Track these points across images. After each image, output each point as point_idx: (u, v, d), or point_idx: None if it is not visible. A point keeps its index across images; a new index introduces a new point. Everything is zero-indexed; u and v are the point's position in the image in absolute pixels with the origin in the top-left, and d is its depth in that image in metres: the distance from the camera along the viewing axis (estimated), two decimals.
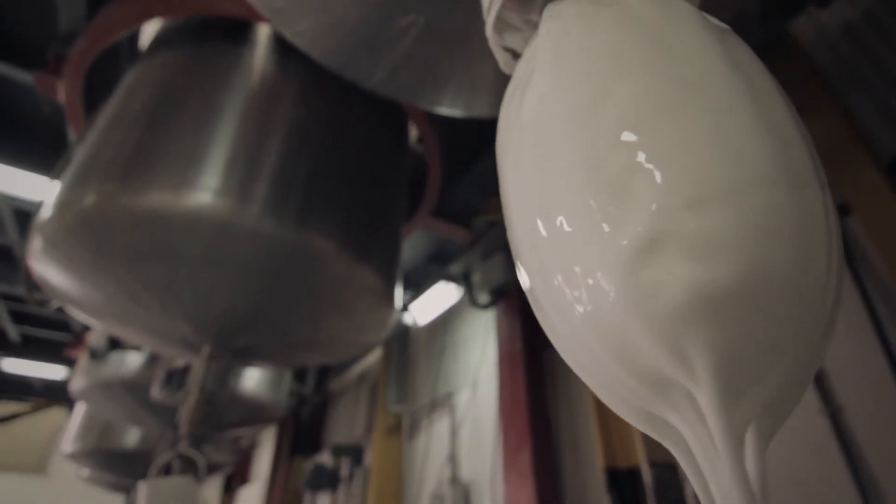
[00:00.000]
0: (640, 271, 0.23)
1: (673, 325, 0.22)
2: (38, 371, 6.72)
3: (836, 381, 2.26)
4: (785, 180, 0.22)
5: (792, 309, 0.22)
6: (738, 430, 0.21)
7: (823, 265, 0.22)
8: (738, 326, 0.22)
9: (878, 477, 2.02)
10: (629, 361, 0.26)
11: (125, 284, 1.91)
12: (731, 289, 0.21)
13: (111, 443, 4.95)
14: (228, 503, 9.52)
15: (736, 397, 0.21)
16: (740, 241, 0.22)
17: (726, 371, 0.21)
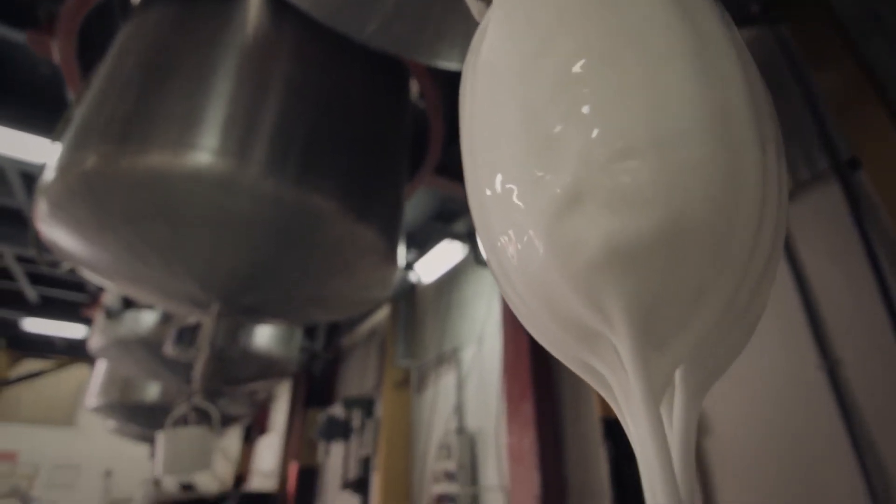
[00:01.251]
0: (562, 225, 0.24)
1: (590, 277, 0.23)
2: (58, 330, 6.95)
3: (836, 335, 2.27)
4: (715, 136, 0.22)
5: (709, 264, 0.22)
6: (657, 379, 0.22)
7: (750, 223, 0.22)
8: (653, 278, 0.22)
9: (871, 430, 2.07)
10: (559, 314, 0.27)
11: (131, 245, 1.94)
12: (645, 242, 0.22)
13: (132, 397, 5.17)
14: (248, 452, 10.00)
15: (654, 347, 0.22)
16: (659, 194, 0.22)
17: (642, 321, 0.22)
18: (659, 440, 0.21)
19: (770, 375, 2.44)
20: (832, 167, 2.44)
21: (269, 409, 9.68)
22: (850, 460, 2.06)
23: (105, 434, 8.26)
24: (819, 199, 2.49)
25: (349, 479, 5.15)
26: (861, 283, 2.22)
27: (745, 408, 2.49)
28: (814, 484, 2.17)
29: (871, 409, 2.09)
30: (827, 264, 2.39)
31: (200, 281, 2.17)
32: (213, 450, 2.06)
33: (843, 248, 2.34)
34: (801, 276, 2.44)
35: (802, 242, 2.49)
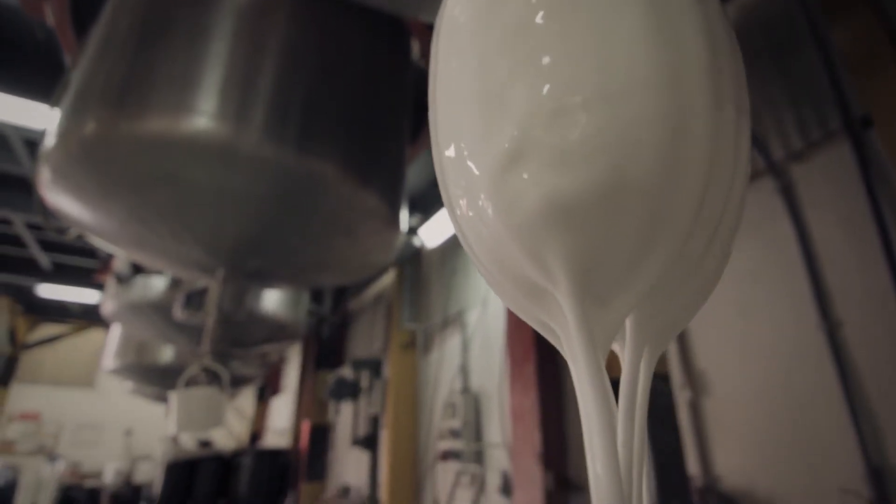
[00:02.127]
0: (506, 183, 0.24)
1: (532, 234, 0.23)
2: (72, 296, 7.10)
3: (838, 298, 2.27)
4: (662, 93, 0.22)
5: (650, 221, 0.22)
6: (599, 334, 0.23)
7: (696, 183, 0.22)
8: (592, 234, 0.23)
9: (868, 391, 2.09)
10: (510, 273, 0.27)
11: (134, 211, 1.96)
12: (583, 198, 0.22)
13: (147, 359, 5.32)
14: (262, 411, 10.35)
15: (596, 302, 0.23)
16: (598, 151, 0.22)
17: (582, 277, 0.22)
18: (599, 395, 0.22)
19: (770, 336, 2.46)
20: (844, 126, 2.37)
21: (281, 370, 9.95)
22: (846, 421, 2.09)
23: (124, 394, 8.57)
24: (829, 160, 2.44)
25: (359, 436, 5.33)
26: (867, 245, 2.20)
27: (744, 368, 2.52)
28: (809, 443, 2.22)
29: (869, 372, 2.11)
30: (833, 226, 2.36)
31: (205, 246, 2.20)
32: (223, 408, 2.13)
33: (850, 209, 2.31)
34: (805, 237, 2.42)
35: (809, 204, 2.46)
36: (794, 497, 2.21)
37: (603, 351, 0.23)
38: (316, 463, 6.73)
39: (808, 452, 2.22)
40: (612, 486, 0.21)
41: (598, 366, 0.23)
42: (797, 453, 2.24)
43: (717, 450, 2.52)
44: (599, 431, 0.22)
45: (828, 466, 2.14)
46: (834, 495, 2.08)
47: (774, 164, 2.60)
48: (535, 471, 2.80)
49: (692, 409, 2.63)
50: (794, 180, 2.53)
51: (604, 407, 0.22)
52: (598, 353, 0.23)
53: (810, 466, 2.19)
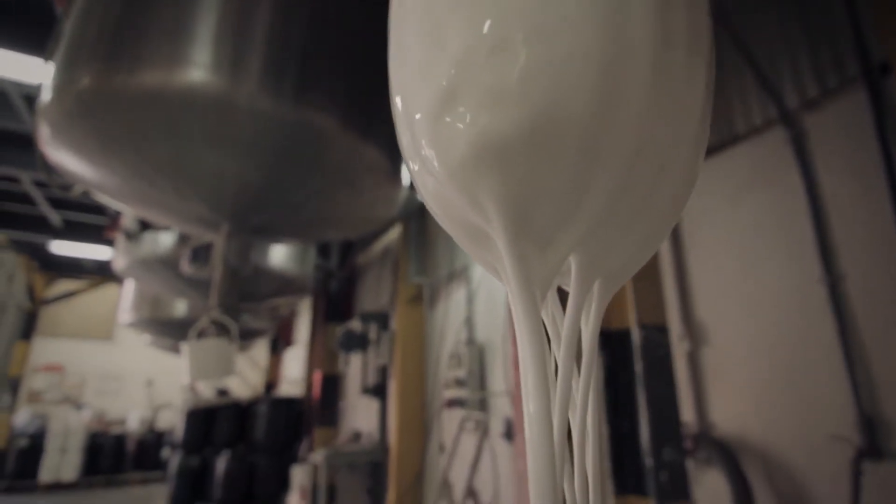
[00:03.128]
0: (440, 126, 0.24)
1: (466, 176, 0.23)
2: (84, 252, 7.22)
3: (842, 250, 2.25)
4: (598, 28, 0.21)
5: (584, 161, 0.22)
6: (536, 276, 0.23)
7: (635, 122, 0.21)
8: (523, 175, 0.22)
9: (865, 344, 2.11)
10: (455, 218, 0.28)
11: (136, 167, 1.97)
12: (512, 139, 0.22)
13: (162, 313, 5.46)
14: (276, 362, 10.71)
15: (533, 244, 0.23)
16: (528, 89, 0.21)
17: (516, 218, 0.22)
18: (532, 335, 0.23)
19: (772, 288, 2.47)
20: (862, 72, 2.28)
21: (293, 323, 10.22)
22: (841, 371, 2.13)
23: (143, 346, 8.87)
24: (843, 109, 2.36)
25: (368, 386, 5.52)
26: (876, 198, 2.16)
27: (743, 319, 2.55)
28: (803, 392, 2.27)
29: (868, 324, 2.12)
30: (843, 178, 2.31)
31: (208, 201, 2.21)
32: (233, 358, 2.21)
33: (862, 161, 2.25)
34: (814, 189, 2.37)
35: (820, 155, 2.40)
36: (785, 443, 2.28)
37: (542, 291, 0.24)
38: (328, 410, 7.01)
39: (802, 401, 2.27)
40: (542, 425, 0.22)
41: (533, 306, 0.23)
42: (791, 402, 2.30)
43: (712, 398, 2.59)
44: (532, 370, 0.23)
45: (820, 415, 2.19)
46: (825, 442, 2.15)
47: (787, 112, 2.52)
48: None
49: (690, 359, 2.68)
50: (807, 130, 2.46)
51: (537, 347, 0.23)
52: (533, 293, 0.23)
53: (803, 414, 2.25)
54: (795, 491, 2.21)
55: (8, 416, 8.30)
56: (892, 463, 1.95)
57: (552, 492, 0.22)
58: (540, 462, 0.22)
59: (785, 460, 2.26)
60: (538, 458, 0.22)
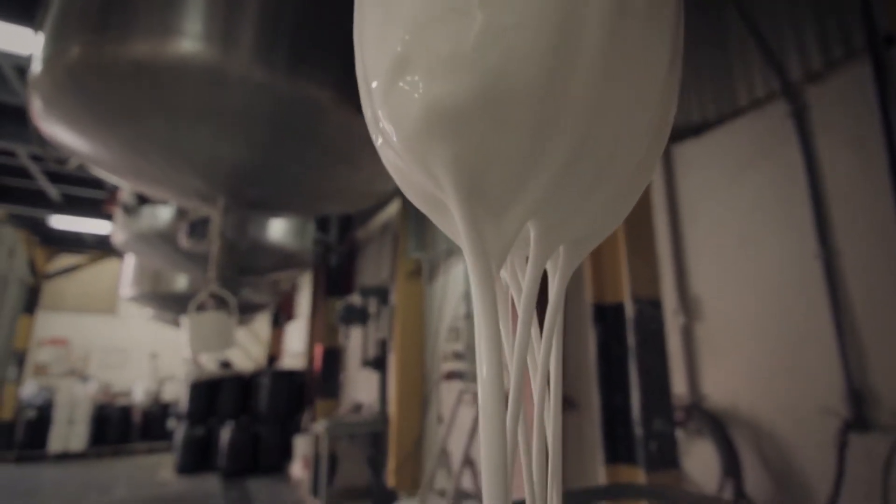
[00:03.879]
0: (395, 93, 0.23)
1: (419, 144, 0.23)
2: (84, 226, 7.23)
3: (839, 226, 2.25)
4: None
5: (536, 128, 0.22)
6: (495, 246, 0.24)
7: (588, 88, 0.21)
8: (475, 145, 0.22)
9: (857, 319, 2.13)
10: (416, 189, 0.28)
11: (130, 140, 1.95)
12: (462, 106, 0.22)
13: (163, 287, 5.50)
14: (278, 336, 10.84)
15: (488, 212, 0.23)
16: (477, 56, 0.21)
17: (470, 188, 0.23)
18: (486, 303, 0.23)
19: (768, 264, 2.48)
20: (868, 43, 2.23)
21: (294, 298, 10.30)
22: (832, 346, 2.15)
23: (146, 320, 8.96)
24: (847, 82, 2.32)
25: (369, 358, 5.60)
26: (876, 174, 2.14)
27: (738, 295, 2.57)
28: (795, 366, 2.30)
29: (861, 300, 2.14)
30: (842, 153, 2.29)
31: (203, 175, 2.20)
32: (232, 331, 2.24)
33: (863, 136, 2.23)
34: (814, 164, 2.36)
35: (821, 129, 2.38)
36: (775, 414, 2.33)
37: (498, 259, 0.24)
38: (329, 382, 7.13)
39: (793, 374, 2.30)
40: (493, 394, 0.23)
41: (488, 273, 0.23)
42: (782, 374, 2.33)
43: (705, 371, 2.63)
44: (485, 338, 0.23)
45: (810, 387, 2.23)
46: (813, 414, 2.19)
47: (790, 84, 2.48)
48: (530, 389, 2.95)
49: (684, 332, 2.71)
50: (809, 103, 2.43)
51: (490, 315, 0.23)
52: (488, 261, 0.23)
53: (793, 387, 2.29)
54: (783, 460, 2.27)
55: (15, 389, 8.46)
56: (877, 434, 1.99)
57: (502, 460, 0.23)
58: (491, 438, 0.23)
59: (773, 431, 2.31)
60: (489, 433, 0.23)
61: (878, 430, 1.99)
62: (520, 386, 0.26)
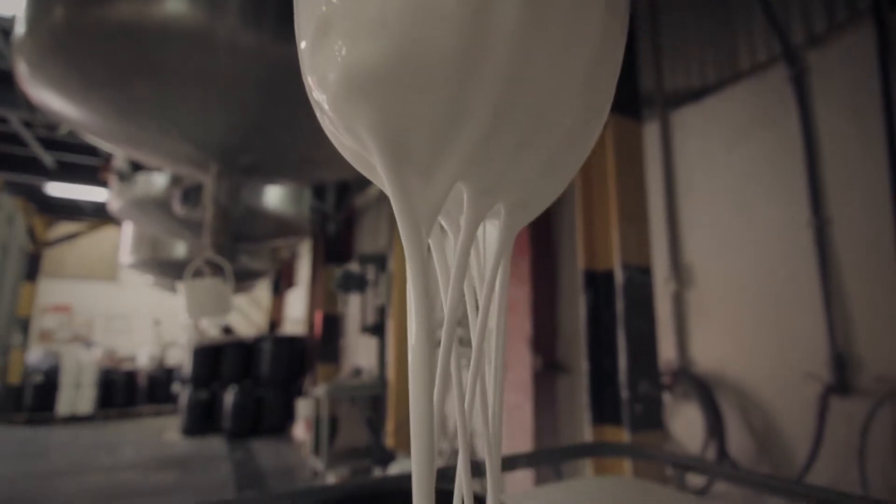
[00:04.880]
0: (319, 56, 0.24)
1: (342, 108, 0.23)
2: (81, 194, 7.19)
3: (832, 194, 2.25)
4: None
5: (455, 91, 0.22)
6: (424, 209, 0.25)
7: (504, 56, 0.21)
8: (396, 106, 0.23)
9: (845, 287, 2.15)
10: (350, 153, 0.29)
11: (116, 105, 1.93)
12: (382, 69, 0.22)
13: (162, 254, 5.53)
14: (279, 303, 10.96)
15: (415, 173, 0.24)
16: (396, 20, 0.21)
17: (395, 151, 0.23)
18: (416, 267, 0.24)
19: (760, 232, 2.48)
20: (872, 5, 2.17)
21: (294, 265, 10.36)
22: (819, 313, 2.18)
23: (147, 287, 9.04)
24: (849, 46, 2.27)
25: (367, 325, 5.68)
26: (873, 142, 2.13)
27: (730, 263, 2.58)
28: (782, 332, 2.34)
29: (849, 268, 2.15)
30: (841, 120, 2.27)
31: (194, 141, 2.19)
32: (229, 297, 2.27)
33: (861, 104, 2.20)
34: (811, 131, 2.33)
35: (820, 95, 2.34)
36: (761, 380, 2.38)
37: (428, 220, 0.25)
38: (329, 348, 7.26)
39: (780, 340, 2.35)
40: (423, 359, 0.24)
41: (417, 235, 0.24)
42: (769, 340, 2.38)
43: (694, 337, 2.68)
44: (415, 300, 0.24)
45: (796, 353, 2.28)
46: (797, 379, 2.24)
47: (792, 48, 2.43)
48: (525, 354, 3.01)
49: (675, 299, 2.74)
50: (809, 67, 2.38)
51: (419, 280, 0.24)
52: (417, 222, 0.24)
53: (779, 352, 2.34)
54: (766, 423, 2.34)
55: (21, 354, 8.61)
56: (857, 398, 2.05)
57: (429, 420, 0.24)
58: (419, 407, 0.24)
59: (758, 395, 2.37)
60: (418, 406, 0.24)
61: (859, 395, 2.05)
62: (449, 350, 0.28)
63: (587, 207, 2.17)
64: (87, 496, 4.70)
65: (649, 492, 0.87)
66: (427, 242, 0.25)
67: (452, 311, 0.27)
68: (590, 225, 2.15)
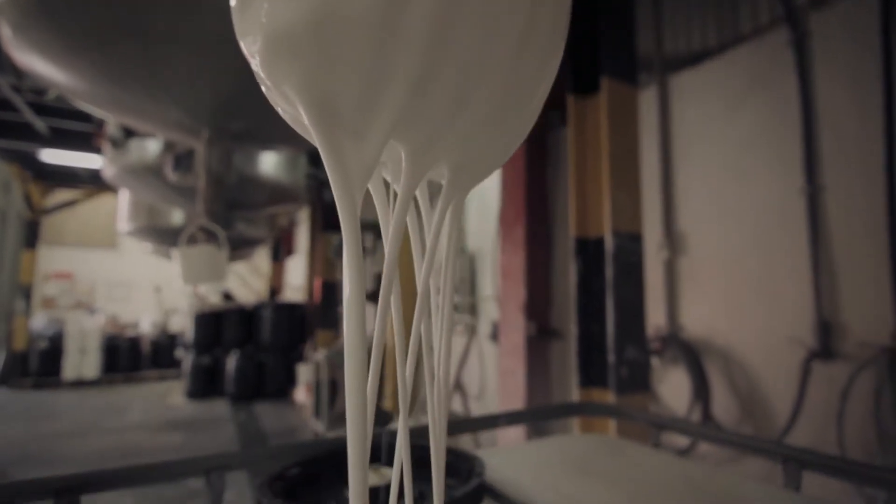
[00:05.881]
0: (246, 17, 0.24)
1: (269, 69, 0.23)
2: (76, 160, 7.13)
3: (827, 162, 2.24)
4: None
5: (377, 52, 0.22)
6: (357, 169, 0.25)
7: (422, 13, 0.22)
8: (319, 67, 0.23)
9: (834, 254, 2.16)
10: (287, 117, 0.30)
11: (102, 68, 1.90)
12: (302, 30, 0.22)
13: (159, 221, 5.53)
14: (279, 270, 11.04)
15: (349, 136, 0.25)
16: None
17: (322, 110, 0.23)
18: (348, 225, 0.25)
19: (753, 200, 2.48)
20: None
21: (293, 232, 10.38)
22: (808, 280, 2.21)
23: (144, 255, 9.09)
24: (851, 9, 2.21)
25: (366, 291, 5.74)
26: (870, 109, 2.10)
27: (723, 230, 2.59)
28: (770, 299, 2.37)
29: (840, 236, 2.16)
30: (839, 86, 2.23)
31: (184, 106, 2.16)
32: (224, 264, 2.29)
33: (861, 70, 2.16)
34: (809, 97, 2.30)
35: (820, 59, 2.30)
36: (747, 345, 2.43)
37: (361, 181, 0.26)
38: (329, 314, 7.35)
39: (768, 306, 2.38)
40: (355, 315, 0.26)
41: (350, 197, 0.25)
42: (757, 307, 2.41)
43: (684, 303, 2.71)
44: (349, 260, 0.26)
45: (783, 320, 2.31)
46: (783, 344, 2.29)
47: (794, 10, 2.37)
48: (518, 320, 3.06)
49: (667, 267, 2.77)
50: (810, 31, 2.33)
51: (353, 236, 0.25)
52: (350, 183, 0.25)
53: (767, 319, 2.37)
54: (750, 387, 2.40)
55: (25, 321, 8.73)
56: (840, 363, 2.09)
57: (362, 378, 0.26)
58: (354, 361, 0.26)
59: (744, 360, 2.43)
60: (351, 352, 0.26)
61: (842, 360, 2.09)
62: (386, 306, 0.29)
63: (580, 174, 2.16)
64: (96, 456, 4.86)
65: (617, 447, 0.91)
66: (360, 202, 0.26)
67: (390, 267, 0.28)
68: (582, 192, 2.15)
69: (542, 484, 0.78)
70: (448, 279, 0.35)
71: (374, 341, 0.28)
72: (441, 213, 0.31)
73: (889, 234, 1.99)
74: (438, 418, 0.34)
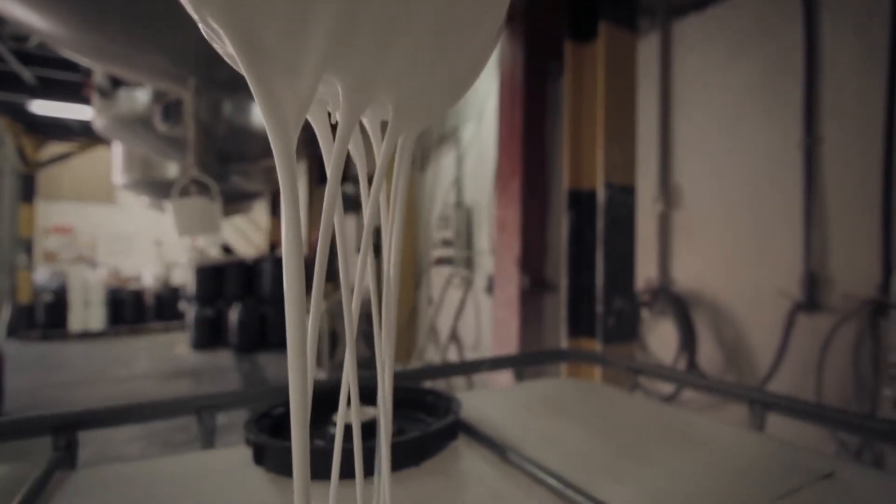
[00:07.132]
0: None
1: (195, 6, 0.24)
2: (67, 112, 6.98)
3: (827, 113, 2.19)
4: None
5: None
6: (291, 106, 0.26)
7: None
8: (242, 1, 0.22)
9: (828, 208, 2.15)
10: (224, 54, 0.29)
11: (84, 14, 1.84)
12: None
13: (154, 174, 5.49)
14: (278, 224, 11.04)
15: (277, 70, 0.24)
16: None
17: (249, 45, 0.23)
18: (285, 167, 0.25)
19: (750, 153, 2.45)
20: None
21: None
22: (799, 234, 2.21)
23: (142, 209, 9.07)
24: None
25: None
26: (875, 59, 2.03)
27: (718, 184, 2.58)
28: (760, 252, 2.39)
29: (835, 189, 2.15)
30: (846, 35, 2.16)
31: (169, 53, 2.10)
32: (217, 215, 2.29)
33: (869, 23, 2.08)
34: (814, 42, 2.23)
35: (828, 8, 2.21)
36: (735, 298, 2.47)
37: (296, 117, 0.26)
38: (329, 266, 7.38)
39: (758, 259, 2.40)
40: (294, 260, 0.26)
41: (285, 133, 0.25)
42: (747, 260, 2.43)
43: (676, 257, 2.74)
44: (283, 205, 0.26)
45: (772, 273, 2.34)
46: (771, 297, 2.32)
47: None
48: (513, 273, 3.09)
49: (661, 220, 2.77)
50: None
51: (288, 180, 0.26)
52: (283, 118, 0.25)
53: (756, 272, 2.40)
54: (736, 338, 2.46)
55: (28, 275, 8.83)
56: (824, 314, 2.13)
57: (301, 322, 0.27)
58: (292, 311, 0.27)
59: (731, 312, 2.47)
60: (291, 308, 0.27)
61: (826, 312, 2.13)
62: (326, 248, 0.30)
63: (575, 124, 2.12)
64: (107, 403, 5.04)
65: (597, 391, 0.94)
66: (295, 140, 0.27)
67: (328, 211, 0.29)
68: (576, 143, 2.12)
69: (516, 422, 0.82)
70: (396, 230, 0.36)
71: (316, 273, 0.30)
72: (386, 154, 0.32)
73: (883, 187, 1.98)
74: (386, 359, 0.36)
